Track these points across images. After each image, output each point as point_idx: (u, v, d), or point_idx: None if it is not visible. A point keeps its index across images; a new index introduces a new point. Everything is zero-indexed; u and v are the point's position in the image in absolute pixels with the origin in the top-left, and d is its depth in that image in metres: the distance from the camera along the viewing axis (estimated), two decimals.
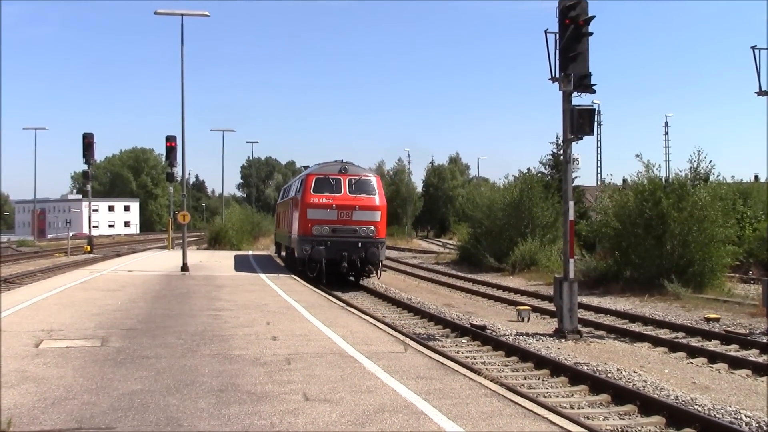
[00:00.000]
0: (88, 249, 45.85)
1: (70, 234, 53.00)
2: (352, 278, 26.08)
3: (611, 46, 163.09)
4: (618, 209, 25.42)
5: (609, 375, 11.04)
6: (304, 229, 24.42)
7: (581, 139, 14.81)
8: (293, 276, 24.60)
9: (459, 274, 32.75)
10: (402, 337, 11.89)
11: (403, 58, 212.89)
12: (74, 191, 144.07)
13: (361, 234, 24.11)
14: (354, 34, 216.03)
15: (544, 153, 52.99)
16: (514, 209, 35.53)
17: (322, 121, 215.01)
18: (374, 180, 25.37)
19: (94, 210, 52.79)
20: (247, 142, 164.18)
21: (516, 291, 25.15)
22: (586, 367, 11.52)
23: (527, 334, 14.99)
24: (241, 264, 30.76)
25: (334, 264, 24.04)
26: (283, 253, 33.36)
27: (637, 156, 25.47)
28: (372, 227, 24.31)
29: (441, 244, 71.45)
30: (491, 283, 28.11)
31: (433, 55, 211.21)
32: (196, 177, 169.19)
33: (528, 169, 38.07)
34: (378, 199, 24.75)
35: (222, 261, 32.30)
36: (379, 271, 25.17)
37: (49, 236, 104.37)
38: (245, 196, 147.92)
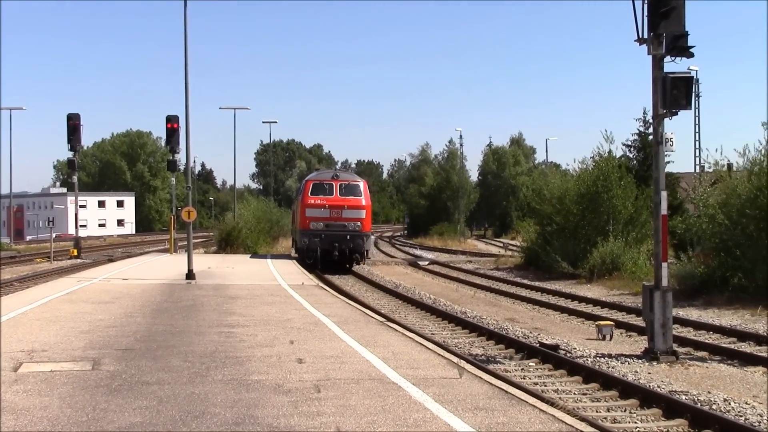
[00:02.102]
0: (75, 253, 46.57)
1: (54, 235, 53.91)
2: (348, 266, 36.11)
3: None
4: (724, 199, 24.94)
5: (714, 407, 10.89)
6: (303, 224, 35.55)
7: (675, 114, 14.58)
8: (321, 285, 24.95)
9: (524, 281, 32.64)
10: (456, 360, 11.85)
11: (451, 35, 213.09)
12: (57, 184, 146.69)
13: (349, 228, 35.02)
14: (403, 9, 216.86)
15: (629, 132, 52.33)
16: (590, 201, 35.10)
17: (357, 101, 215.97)
18: (361, 184, 36.64)
19: (81, 206, 53.70)
20: (263, 122, 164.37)
21: (595, 302, 24.95)
22: (684, 397, 11.40)
23: (610, 356, 14.88)
24: (258, 270, 31.02)
25: (328, 253, 34.68)
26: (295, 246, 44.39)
27: (764, 124, 24.49)
28: (358, 223, 35.33)
29: (501, 245, 71.27)
30: (564, 292, 27.95)
31: (488, 28, 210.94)
32: (203, 165, 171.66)
33: (609, 151, 37.20)
34: (364, 200, 35.84)
35: (235, 267, 32.65)
36: (364, 259, 37.46)
37: (29, 238, 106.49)
38: (261, 187, 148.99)
